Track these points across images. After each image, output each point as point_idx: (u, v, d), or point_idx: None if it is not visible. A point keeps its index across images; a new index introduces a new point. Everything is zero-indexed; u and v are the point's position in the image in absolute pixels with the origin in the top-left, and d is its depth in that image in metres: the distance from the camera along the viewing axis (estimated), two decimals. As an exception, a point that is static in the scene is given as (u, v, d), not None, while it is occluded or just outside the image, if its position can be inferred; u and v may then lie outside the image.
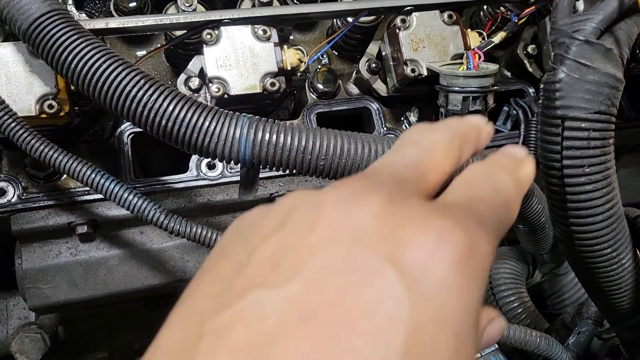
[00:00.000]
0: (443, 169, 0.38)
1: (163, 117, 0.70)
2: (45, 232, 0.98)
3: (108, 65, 0.70)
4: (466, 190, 0.37)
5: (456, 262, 0.31)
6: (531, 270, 1.19)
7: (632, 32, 0.62)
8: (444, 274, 0.31)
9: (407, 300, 0.29)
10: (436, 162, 0.38)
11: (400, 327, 0.29)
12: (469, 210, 0.35)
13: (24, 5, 0.72)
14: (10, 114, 0.79)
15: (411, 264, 0.31)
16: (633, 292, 0.72)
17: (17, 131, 0.79)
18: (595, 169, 0.62)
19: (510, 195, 0.38)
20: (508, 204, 0.38)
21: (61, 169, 0.81)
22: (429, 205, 0.35)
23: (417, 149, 0.39)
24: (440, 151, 0.38)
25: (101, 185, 0.82)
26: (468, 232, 0.32)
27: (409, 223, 0.33)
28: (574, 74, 0.60)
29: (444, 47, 1.01)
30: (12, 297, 1.18)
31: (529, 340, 0.82)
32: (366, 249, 0.31)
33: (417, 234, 0.32)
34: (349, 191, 0.35)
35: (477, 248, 0.32)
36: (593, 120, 0.60)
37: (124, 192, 0.82)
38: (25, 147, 0.80)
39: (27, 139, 0.79)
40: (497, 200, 0.37)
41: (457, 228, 0.32)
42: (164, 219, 0.82)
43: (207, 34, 0.91)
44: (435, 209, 0.34)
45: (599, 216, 0.64)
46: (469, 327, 0.31)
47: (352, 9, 1.00)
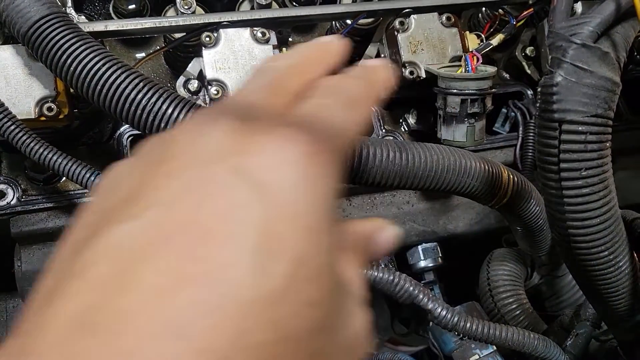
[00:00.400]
0: (293, 88, 0.40)
1: (162, 120, 0.70)
2: (45, 235, 0.98)
3: (107, 69, 0.70)
4: (315, 99, 0.39)
5: (301, 161, 0.33)
6: (529, 272, 1.19)
7: (629, 36, 0.63)
8: (289, 173, 0.32)
9: (256, 203, 0.30)
10: (285, 84, 0.40)
11: (251, 228, 0.30)
12: (315, 115, 0.37)
13: (23, 8, 0.73)
14: (9, 116, 0.79)
15: (258, 169, 0.32)
16: (630, 294, 0.72)
17: (17, 134, 0.79)
18: (592, 172, 0.62)
19: (359, 95, 0.41)
20: (355, 102, 0.40)
21: (60, 172, 0.81)
22: (277, 117, 0.37)
23: (267, 75, 0.41)
24: (289, 74, 0.41)
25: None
26: (311, 133, 0.34)
27: (257, 135, 0.34)
28: (571, 78, 0.60)
29: (443, 50, 1.02)
30: (11, 299, 1.18)
31: (526, 342, 0.82)
32: (217, 165, 0.32)
33: (263, 142, 0.33)
34: (202, 117, 0.37)
35: (322, 146, 0.34)
36: (590, 124, 0.60)
37: None
38: (24, 150, 0.80)
39: (27, 141, 0.79)
40: (344, 100, 0.40)
41: (300, 131, 0.34)
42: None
43: (206, 37, 0.92)
44: (282, 119, 0.36)
45: (596, 219, 0.64)
46: (322, 220, 0.32)
47: (351, 11, 1.00)
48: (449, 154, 0.78)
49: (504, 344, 0.80)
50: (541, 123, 0.63)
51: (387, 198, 1.14)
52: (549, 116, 0.61)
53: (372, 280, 0.68)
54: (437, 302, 0.72)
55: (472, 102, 0.92)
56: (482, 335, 0.76)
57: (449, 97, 0.94)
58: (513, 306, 1.11)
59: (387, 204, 1.14)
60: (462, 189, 0.81)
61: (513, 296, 1.12)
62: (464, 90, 0.92)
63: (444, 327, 0.73)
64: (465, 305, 1.10)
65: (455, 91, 0.92)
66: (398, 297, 0.70)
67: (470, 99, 0.92)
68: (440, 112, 0.97)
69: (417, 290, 0.71)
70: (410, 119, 1.13)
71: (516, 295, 1.13)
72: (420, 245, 1.15)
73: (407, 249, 1.16)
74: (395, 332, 1.45)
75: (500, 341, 0.79)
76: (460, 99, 0.92)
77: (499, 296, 1.12)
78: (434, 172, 0.76)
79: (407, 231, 1.14)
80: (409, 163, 0.74)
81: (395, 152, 0.74)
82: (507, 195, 0.86)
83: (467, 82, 0.92)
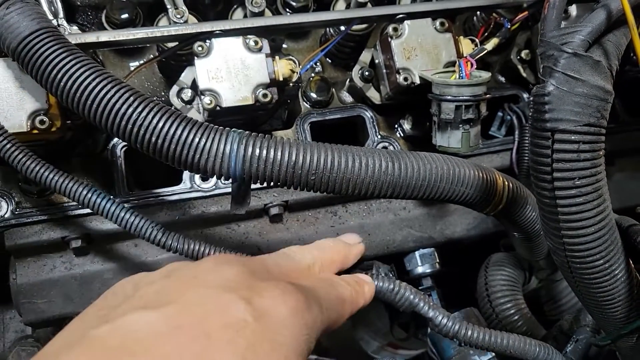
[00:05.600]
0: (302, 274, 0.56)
1: (153, 134, 0.70)
2: (39, 247, 0.98)
3: (97, 83, 0.70)
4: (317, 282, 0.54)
5: (292, 309, 0.45)
6: (527, 276, 1.19)
7: (620, 44, 0.62)
8: (283, 313, 0.44)
9: (252, 324, 0.41)
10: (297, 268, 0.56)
11: (243, 341, 0.39)
12: (314, 289, 0.51)
13: (12, 23, 0.72)
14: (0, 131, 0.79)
15: (260, 303, 0.43)
16: (627, 302, 0.72)
17: (8, 148, 0.79)
18: (585, 181, 0.61)
19: (348, 297, 0.56)
20: (344, 301, 0.55)
21: (50, 186, 0.81)
22: (284, 278, 0.51)
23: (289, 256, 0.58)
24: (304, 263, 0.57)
25: (92, 202, 0.82)
26: (305, 296, 0.47)
27: (266, 282, 0.47)
28: (563, 87, 0.59)
29: (437, 55, 1.01)
30: (8, 311, 1.18)
31: (528, 349, 0.81)
32: (230, 292, 0.44)
33: (269, 287, 0.46)
34: (224, 258, 0.52)
35: (309, 308, 0.47)
36: (583, 133, 0.60)
37: (116, 208, 0.82)
38: (15, 165, 0.80)
39: (18, 156, 0.79)
40: (336, 294, 0.54)
41: (298, 291, 0.47)
42: (160, 236, 0.82)
43: (198, 46, 0.91)
44: (288, 281, 0.49)
45: (590, 228, 0.63)
46: (296, 353, 0.43)
47: (344, 18, 1.00)
48: (442, 163, 0.78)
49: (505, 351, 0.79)
50: (534, 132, 0.63)
51: (383, 204, 1.13)
52: (542, 126, 0.61)
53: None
54: (438, 310, 0.72)
55: (467, 108, 0.92)
56: (483, 343, 0.76)
57: (443, 104, 0.93)
58: (511, 311, 1.11)
59: (384, 210, 1.13)
60: (457, 198, 0.80)
61: (511, 301, 1.12)
62: (458, 97, 0.91)
63: (444, 335, 0.72)
64: (464, 311, 1.09)
65: (450, 98, 0.92)
66: (398, 305, 0.70)
67: (465, 105, 0.91)
68: (434, 119, 0.97)
69: (417, 298, 0.70)
70: (406, 124, 1.13)
71: (514, 300, 1.12)
72: (418, 251, 1.14)
73: (404, 255, 1.15)
74: (394, 337, 1.44)
75: (502, 349, 0.78)
76: (455, 106, 0.91)
77: (497, 301, 1.12)
78: (427, 181, 0.76)
79: (404, 237, 1.13)
80: (402, 173, 0.74)
81: (388, 162, 0.74)
82: (502, 202, 0.86)
83: (461, 88, 0.91)
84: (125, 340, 0.37)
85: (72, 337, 0.39)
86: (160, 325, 0.38)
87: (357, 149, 0.74)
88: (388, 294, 0.69)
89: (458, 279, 1.25)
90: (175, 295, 0.42)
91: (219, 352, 0.38)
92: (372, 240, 1.12)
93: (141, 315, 0.39)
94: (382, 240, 1.12)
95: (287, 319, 0.44)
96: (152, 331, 0.38)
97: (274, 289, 0.46)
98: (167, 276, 0.47)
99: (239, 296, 0.43)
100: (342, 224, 1.11)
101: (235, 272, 0.47)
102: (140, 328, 0.38)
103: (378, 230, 1.12)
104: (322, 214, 1.11)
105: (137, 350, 0.36)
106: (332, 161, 0.71)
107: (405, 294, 0.70)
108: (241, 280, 0.47)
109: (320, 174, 0.71)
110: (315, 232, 1.09)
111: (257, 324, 0.41)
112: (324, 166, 0.71)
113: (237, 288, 0.45)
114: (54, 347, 0.39)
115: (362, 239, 0.70)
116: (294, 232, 1.08)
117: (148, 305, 0.40)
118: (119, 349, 0.36)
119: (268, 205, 1.05)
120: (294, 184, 0.72)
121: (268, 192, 1.05)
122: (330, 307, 0.52)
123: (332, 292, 0.54)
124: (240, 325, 0.40)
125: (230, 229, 1.07)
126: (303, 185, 0.72)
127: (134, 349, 0.36)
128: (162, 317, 0.39)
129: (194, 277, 0.47)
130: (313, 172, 0.71)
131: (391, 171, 0.73)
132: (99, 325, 0.39)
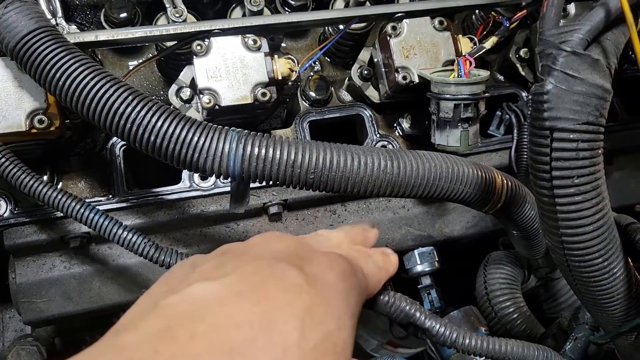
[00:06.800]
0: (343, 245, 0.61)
1: (152, 133, 0.70)
2: (39, 246, 0.98)
3: (96, 82, 0.70)
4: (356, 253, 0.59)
5: (340, 274, 0.49)
6: (526, 274, 1.19)
7: (619, 42, 0.62)
8: (332, 278, 0.47)
9: (306, 288, 0.44)
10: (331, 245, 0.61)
11: (300, 302, 0.43)
12: (352, 257, 0.55)
13: (11, 23, 0.72)
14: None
15: (311, 270, 0.47)
16: (625, 300, 0.72)
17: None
18: (584, 179, 0.61)
19: (380, 264, 0.60)
20: (379, 268, 0.60)
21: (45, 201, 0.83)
22: (329, 249, 0.55)
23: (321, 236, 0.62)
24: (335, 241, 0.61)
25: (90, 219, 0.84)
26: (349, 263, 0.52)
27: (312, 251, 0.52)
28: (562, 85, 0.59)
29: (435, 54, 1.01)
30: (8, 310, 1.17)
31: (527, 354, 0.81)
32: (282, 262, 0.47)
33: (316, 257, 0.50)
34: (271, 234, 0.54)
35: (353, 274, 0.51)
36: (581, 131, 0.60)
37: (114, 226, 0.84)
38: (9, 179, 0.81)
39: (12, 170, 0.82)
40: (373, 262, 0.59)
41: (343, 259, 0.51)
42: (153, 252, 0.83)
43: (197, 45, 0.91)
44: (333, 251, 0.54)
45: (589, 226, 0.63)
46: (347, 315, 0.46)
47: (343, 17, 1.00)
48: (441, 161, 0.78)
49: (504, 358, 0.79)
50: (532, 131, 0.63)
51: (382, 203, 1.13)
52: (540, 124, 0.61)
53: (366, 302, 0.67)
54: (435, 319, 0.70)
55: (466, 107, 0.92)
56: (482, 350, 0.75)
57: (442, 102, 0.93)
58: (510, 309, 1.11)
59: (383, 209, 1.13)
60: (456, 196, 0.80)
61: (510, 299, 1.12)
62: (457, 96, 0.91)
63: (442, 344, 0.72)
64: (463, 309, 1.09)
65: (448, 96, 0.92)
66: (394, 317, 0.68)
67: (464, 103, 0.91)
68: (433, 117, 0.97)
69: (413, 309, 0.69)
70: (405, 123, 1.13)
71: (513, 298, 1.12)
72: (417, 249, 1.15)
73: (403, 253, 1.15)
74: (393, 335, 1.44)
75: (501, 356, 0.78)
76: (454, 104, 0.91)
77: (496, 300, 1.12)
78: (426, 180, 0.76)
79: (403, 236, 1.13)
80: (400, 172, 0.74)
81: (387, 160, 0.74)
82: (501, 201, 0.86)
83: (460, 87, 0.91)
84: (193, 305, 0.41)
85: (144, 308, 0.43)
86: (223, 292, 0.42)
87: (356, 148, 0.74)
88: (383, 306, 0.67)
89: (457, 277, 1.25)
90: (232, 268, 0.46)
91: (280, 313, 0.41)
92: (371, 238, 1.11)
93: (204, 286, 0.43)
94: (381, 239, 1.12)
95: (337, 284, 0.47)
96: (216, 297, 0.42)
97: (322, 257, 0.50)
98: (222, 254, 0.51)
99: (291, 264, 0.46)
100: (341, 223, 1.11)
101: (284, 245, 0.52)
102: (206, 296, 0.42)
103: (377, 229, 1.12)
104: (321, 212, 1.11)
105: (205, 314, 0.40)
106: (331, 160, 0.71)
107: (400, 305, 0.68)
108: (290, 251, 0.50)
109: (319, 172, 0.71)
110: (314, 230, 1.08)
111: (310, 288, 0.44)
112: (322, 165, 0.71)
113: (287, 258, 0.48)
114: (127, 319, 0.43)
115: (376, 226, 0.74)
116: (293, 231, 1.08)
117: (209, 278, 0.44)
118: (189, 313, 0.40)
119: (267, 204, 1.05)
120: (293, 182, 0.72)
121: (267, 191, 1.05)
122: (370, 273, 0.56)
123: (369, 260, 0.58)
124: (296, 290, 0.44)
125: (230, 228, 1.07)
126: (302, 184, 0.72)
127: (203, 313, 0.40)
128: (223, 286, 0.43)
129: (246, 252, 0.51)
130: (312, 171, 0.71)
131: (390, 170, 0.73)
132: (166, 297, 0.42)
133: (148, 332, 0.39)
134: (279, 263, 0.47)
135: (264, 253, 0.50)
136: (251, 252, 0.51)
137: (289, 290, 0.43)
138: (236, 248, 0.53)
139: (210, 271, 0.47)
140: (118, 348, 0.38)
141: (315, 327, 0.42)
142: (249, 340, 0.39)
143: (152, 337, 0.38)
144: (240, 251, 0.52)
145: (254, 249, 0.52)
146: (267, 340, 0.39)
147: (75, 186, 1.01)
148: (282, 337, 0.40)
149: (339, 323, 0.45)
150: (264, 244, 0.53)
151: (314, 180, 0.71)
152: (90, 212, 0.83)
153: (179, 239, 1.04)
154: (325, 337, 0.42)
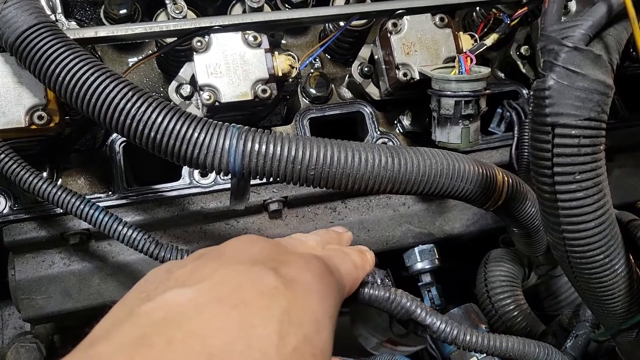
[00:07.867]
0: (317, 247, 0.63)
1: (152, 129, 0.69)
2: (38, 243, 0.97)
3: (96, 78, 0.70)
4: (331, 252, 0.60)
5: (317, 275, 0.49)
6: (527, 272, 1.19)
7: (621, 38, 0.62)
8: (309, 279, 0.48)
9: (283, 290, 0.44)
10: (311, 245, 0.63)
11: (278, 305, 0.43)
12: (329, 259, 0.55)
13: (10, 18, 0.72)
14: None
15: (287, 272, 0.47)
16: (626, 296, 0.71)
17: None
18: (586, 175, 0.61)
19: (357, 262, 0.61)
20: (355, 266, 0.60)
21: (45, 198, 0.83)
22: (304, 251, 0.57)
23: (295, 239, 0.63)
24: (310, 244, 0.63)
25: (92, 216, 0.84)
26: (326, 263, 0.52)
27: (288, 253, 0.52)
28: (563, 81, 0.59)
29: (436, 51, 1.01)
30: (7, 307, 1.17)
31: (528, 351, 0.81)
32: (258, 265, 0.47)
33: (292, 259, 0.50)
34: (247, 237, 0.54)
35: (330, 274, 0.51)
36: (583, 127, 0.59)
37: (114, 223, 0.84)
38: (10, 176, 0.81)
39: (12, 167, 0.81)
40: (347, 261, 0.60)
41: (319, 260, 0.52)
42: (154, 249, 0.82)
43: (197, 42, 0.91)
44: (308, 252, 0.55)
45: (591, 223, 0.63)
46: (326, 316, 0.46)
47: (344, 13, 0.99)
48: (442, 158, 0.78)
49: (504, 354, 0.79)
50: (534, 127, 0.62)
51: (382, 200, 1.13)
52: (542, 120, 0.61)
53: (368, 298, 0.67)
54: (435, 316, 0.71)
55: (466, 103, 0.92)
56: (482, 347, 0.76)
57: (442, 99, 0.93)
58: (511, 307, 1.11)
59: (383, 206, 1.13)
60: (456, 193, 0.80)
61: (511, 297, 1.12)
62: (458, 92, 0.91)
63: (443, 341, 0.72)
64: (463, 307, 1.09)
65: (449, 93, 0.92)
66: (395, 314, 0.68)
67: (464, 100, 0.91)
68: (434, 114, 0.97)
69: (414, 305, 0.69)
70: (405, 120, 1.12)
71: (514, 296, 1.12)
72: (417, 247, 1.14)
73: (403, 251, 1.15)
74: (393, 333, 1.44)
75: (502, 352, 0.78)
76: (454, 101, 0.91)
77: (497, 297, 1.12)
78: (427, 176, 0.75)
79: (404, 233, 1.13)
80: (401, 168, 0.74)
81: (387, 157, 0.73)
82: (501, 198, 0.86)
83: (460, 83, 0.91)
84: (170, 312, 0.40)
85: (118, 317, 0.42)
86: (199, 298, 0.41)
87: (356, 144, 0.73)
88: (384, 302, 0.67)
89: (457, 274, 1.25)
90: (208, 273, 0.45)
91: (257, 317, 0.41)
92: (372, 236, 1.11)
93: (180, 292, 0.42)
94: (381, 236, 1.12)
95: (314, 285, 0.47)
96: (193, 303, 0.41)
97: (298, 259, 0.50)
98: (197, 258, 0.50)
99: (267, 267, 0.46)
100: (342, 220, 1.11)
101: (260, 248, 0.51)
102: (182, 302, 0.41)
103: (377, 226, 1.12)
104: (321, 209, 1.11)
105: (181, 320, 0.39)
106: (332, 156, 0.71)
107: (401, 301, 0.68)
108: (266, 254, 0.50)
109: (319, 169, 0.71)
110: (315, 228, 1.08)
111: (287, 290, 0.44)
112: (323, 161, 0.71)
113: (263, 261, 0.48)
114: (101, 328, 0.42)
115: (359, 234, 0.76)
116: (293, 228, 1.08)
117: (185, 284, 0.44)
118: (165, 320, 0.39)
119: (267, 201, 1.05)
120: (293, 179, 0.72)
121: (267, 188, 1.05)
122: (347, 271, 0.57)
123: (345, 258, 0.59)
124: (273, 292, 0.43)
125: (230, 225, 1.06)
126: (302, 181, 0.72)
127: (179, 319, 0.39)
128: (199, 291, 0.42)
129: (221, 256, 0.50)
130: (312, 168, 0.70)
131: (391, 166, 0.73)
132: (141, 304, 0.42)
133: (123, 341, 0.38)
134: (255, 266, 0.46)
135: (239, 257, 0.50)
136: (227, 256, 0.50)
137: (266, 294, 0.43)
138: (211, 252, 0.52)
139: (185, 277, 0.46)
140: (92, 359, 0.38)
141: (294, 330, 0.42)
142: (227, 345, 0.38)
143: (127, 346, 0.38)
144: (215, 255, 0.51)
145: (229, 253, 0.51)
146: (245, 345, 0.39)
147: (75, 183, 1.00)
148: (260, 341, 0.40)
149: (318, 325, 0.45)
150: (239, 248, 0.52)
151: (314, 176, 0.71)
152: (90, 208, 0.83)
153: (179, 235, 1.04)
154: (304, 339, 0.42)
